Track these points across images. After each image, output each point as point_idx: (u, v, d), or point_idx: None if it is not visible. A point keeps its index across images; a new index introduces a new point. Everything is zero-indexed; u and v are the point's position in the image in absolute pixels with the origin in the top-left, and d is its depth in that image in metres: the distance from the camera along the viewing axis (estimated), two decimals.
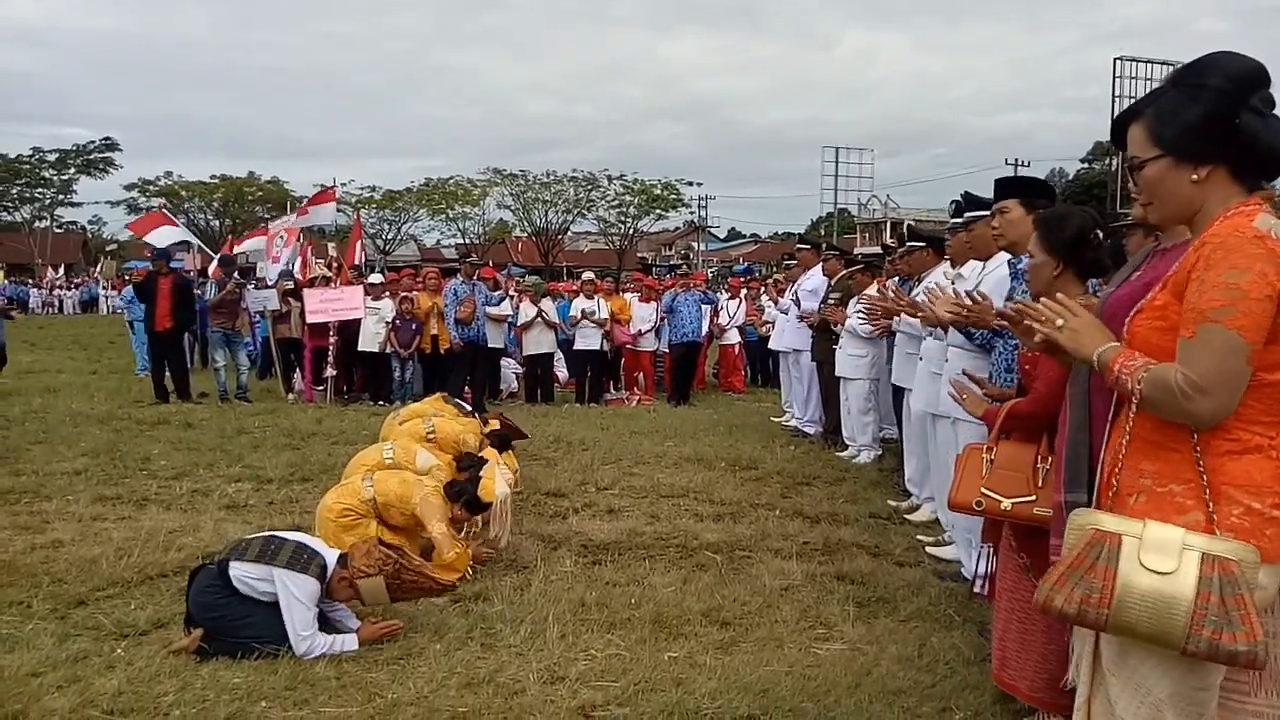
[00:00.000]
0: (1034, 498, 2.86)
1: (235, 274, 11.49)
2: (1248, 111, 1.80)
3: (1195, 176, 1.86)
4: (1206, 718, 1.80)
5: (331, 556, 3.79)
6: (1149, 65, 33.19)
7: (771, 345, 10.90)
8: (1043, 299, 2.06)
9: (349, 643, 3.69)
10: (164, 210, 13.81)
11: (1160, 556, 1.69)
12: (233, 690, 3.27)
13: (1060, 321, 1.98)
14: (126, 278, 14.29)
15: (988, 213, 4.35)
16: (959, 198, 4.88)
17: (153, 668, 3.43)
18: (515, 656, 3.61)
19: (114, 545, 4.90)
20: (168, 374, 10.77)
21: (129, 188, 50.01)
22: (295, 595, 3.59)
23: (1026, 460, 2.93)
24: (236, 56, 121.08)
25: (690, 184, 52.94)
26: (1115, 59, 34.77)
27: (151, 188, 49.21)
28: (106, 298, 36.02)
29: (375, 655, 3.61)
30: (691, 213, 57.81)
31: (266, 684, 3.33)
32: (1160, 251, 2.26)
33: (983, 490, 2.96)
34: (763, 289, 14.92)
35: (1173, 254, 2.24)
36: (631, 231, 52.52)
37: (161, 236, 12.63)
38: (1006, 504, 2.92)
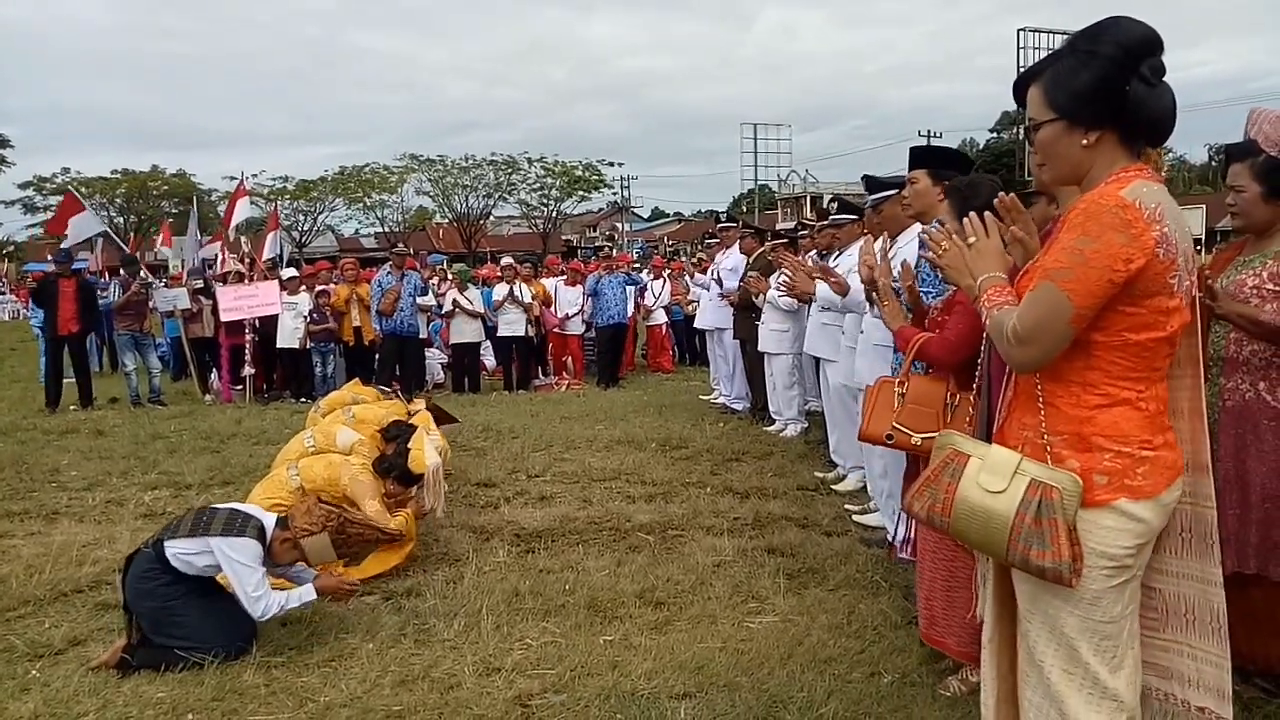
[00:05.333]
0: None
1: (140, 273, 11.03)
2: (1137, 79, 1.84)
3: (1086, 141, 1.91)
4: (1121, 649, 1.90)
5: (269, 519, 3.70)
6: (1051, 35, 34.20)
7: (697, 324, 10.98)
8: (965, 217, 2.13)
9: (306, 594, 3.61)
10: (71, 190, 12.56)
11: (994, 477, 1.89)
12: (157, 705, 3.19)
13: (973, 239, 2.06)
14: (30, 281, 13.37)
15: (894, 192, 4.46)
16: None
17: (70, 687, 3.31)
18: (450, 651, 3.59)
19: (23, 562, 4.70)
20: (71, 381, 10.29)
21: (24, 186, 47.35)
22: (236, 559, 3.49)
23: (937, 396, 2.98)
24: (138, 43, 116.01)
25: (612, 164, 52.76)
26: (1019, 30, 35.92)
27: (48, 185, 46.71)
28: (5, 303, 34.27)
29: (306, 658, 3.55)
30: (615, 193, 57.72)
31: (192, 696, 3.25)
32: (1055, 219, 2.35)
33: (894, 424, 3.02)
34: (684, 269, 14.98)
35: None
36: (555, 214, 52.09)
37: (81, 227, 11.57)
38: (917, 439, 2.98)
